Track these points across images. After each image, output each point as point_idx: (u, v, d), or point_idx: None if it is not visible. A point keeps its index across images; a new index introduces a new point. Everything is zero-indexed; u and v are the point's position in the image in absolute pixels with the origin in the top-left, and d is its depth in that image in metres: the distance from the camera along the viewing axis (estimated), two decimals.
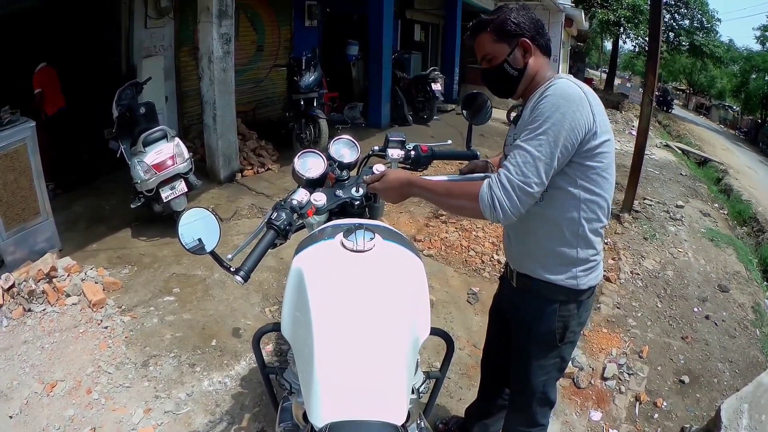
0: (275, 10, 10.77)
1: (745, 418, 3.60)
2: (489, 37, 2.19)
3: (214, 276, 4.74)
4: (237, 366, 3.71)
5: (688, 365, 4.85)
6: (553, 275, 2.22)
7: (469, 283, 5.43)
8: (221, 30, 6.77)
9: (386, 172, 2.28)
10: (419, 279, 1.95)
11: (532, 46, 2.16)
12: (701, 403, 4.42)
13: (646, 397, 4.30)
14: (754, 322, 6.02)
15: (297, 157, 2.43)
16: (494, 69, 2.21)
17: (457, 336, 4.48)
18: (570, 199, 2.11)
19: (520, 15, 2.17)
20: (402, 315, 1.81)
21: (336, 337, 1.70)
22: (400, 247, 2.01)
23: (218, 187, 6.85)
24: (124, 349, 3.73)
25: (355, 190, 2.35)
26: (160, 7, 7.71)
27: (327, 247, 1.93)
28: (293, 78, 8.56)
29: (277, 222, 2.10)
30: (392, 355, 1.73)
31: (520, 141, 1.98)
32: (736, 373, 4.95)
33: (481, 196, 1.98)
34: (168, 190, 5.31)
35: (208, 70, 6.85)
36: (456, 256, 5.94)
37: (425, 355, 4.03)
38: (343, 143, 2.62)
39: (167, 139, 5.46)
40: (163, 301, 4.34)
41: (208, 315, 4.24)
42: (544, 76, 2.17)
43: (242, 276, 1.93)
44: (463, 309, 4.97)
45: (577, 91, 1.98)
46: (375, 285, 1.84)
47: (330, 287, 1.80)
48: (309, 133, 8.37)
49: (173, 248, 5.14)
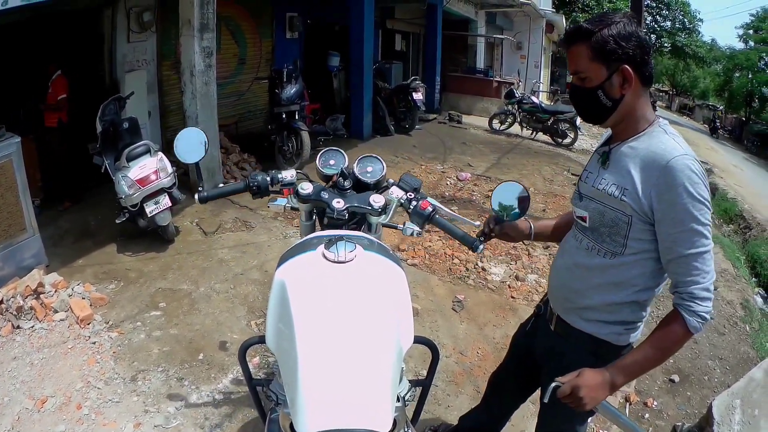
0: (257, 23, 10.84)
1: (737, 414, 3.64)
2: (586, 52, 1.94)
3: (200, 290, 4.79)
4: (224, 379, 3.76)
5: (677, 364, 4.94)
6: (595, 329, 2.13)
7: (453, 291, 5.46)
8: (203, 43, 6.80)
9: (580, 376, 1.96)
10: (401, 288, 1.97)
11: (634, 76, 1.92)
12: (692, 401, 4.50)
13: (636, 398, 4.36)
14: (743, 318, 6.17)
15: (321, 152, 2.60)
16: (585, 91, 2.00)
17: (443, 344, 4.54)
18: (646, 266, 2.00)
19: (627, 33, 1.89)
20: (384, 324, 1.83)
21: (319, 347, 1.72)
22: (382, 258, 2.02)
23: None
24: (113, 364, 3.76)
25: (337, 202, 2.33)
26: (142, 21, 7.75)
27: (309, 258, 1.95)
28: (275, 91, 8.61)
29: (251, 180, 2.38)
30: (375, 365, 1.75)
31: (685, 248, 1.83)
32: (727, 369, 5.04)
33: (694, 326, 1.84)
34: (152, 204, 5.32)
35: (191, 84, 6.85)
36: (440, 265, 5.99)
37: (411, 364, 4.07)
38: (372, 161, 2.61)
39: (150, 153, 5.50)
40: (149, 316, 4.38)
41: (194, 329, 4.28)
42: (643, 115, 1.99)
43: (201, 196, 2.35)
44: (449, 317, 5.01)
45: (702, 169, 1.85)
46: (357, 295, 1.86)
47: (312, 298, 1.82)
48: (291, 146, 8.43)
49: (159, 263, 5.19)
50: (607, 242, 2.04)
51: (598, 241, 2.07)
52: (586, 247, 2.13)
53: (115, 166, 5.47)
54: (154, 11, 7.93)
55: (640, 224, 1.93)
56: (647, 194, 1.87)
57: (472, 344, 4.65)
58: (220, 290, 4.84)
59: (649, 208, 1.88)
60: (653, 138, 1.93)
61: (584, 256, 2.13)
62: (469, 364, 4.36)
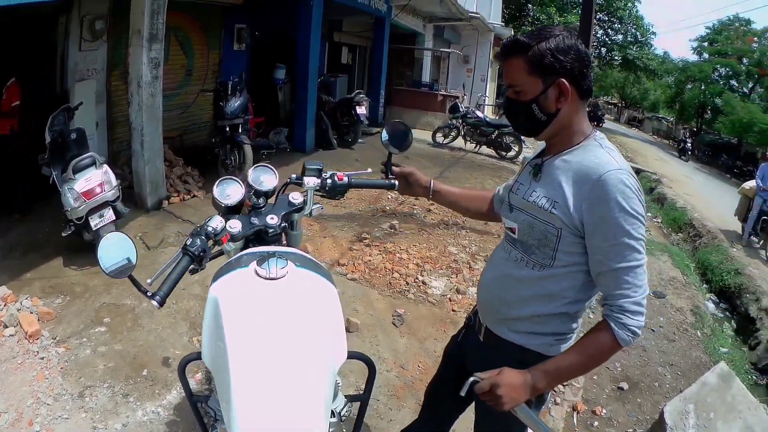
0: (206, 34, 10.81)
1: (692, 418, 3.78)
2: (522, 65, 1.93)
3: (143, 305, 4.85)
4: (168, 395, 3.83)
5: (626, 372, 5.10)
6: (525, 340, 2.12)
7: (393, 305, 5.55)
8: (151, 54, 6.83)
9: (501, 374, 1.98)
10: (333, 305, 2.02)
11: (571, 89, 1.92)
12: (643, 407, 4.72)
13: (584, 407, 4.53)
14: (694, 324, 6.41)
15: (216, 184, 2.48)
16: (520, 104, 1.99)
17: (384, 358, 4.66)
18: (576, 279, 2.02)
19: (565, 47, 1.90)
20: (316, 341, 1.87)
21: (251, 364, 1.74)
22: (313, 274, 2.06)
23: (146, 215, 6.89)
24: (61, 380, 3.83)
25: (270, 218, 2.36)
26: (94, 30, 7.67)
27: (241, 275, 1.98)
28: (219, 103, 8.66)
29: (192, 248, 2.16)
30: (307, 380, 1.78)
31: (616, 262, 1.84)
32: (678, 375, 5.22)
33: (623, 339, 1.84)
34: (97, 218, 5.35)
35: (137, 96, 6.87)
36: (380, 279, 6.09)
37: (352, 378, 4.17)
38: (262, 170, 2.62)
39: (96, 165, 5.49)
40: (95, 332, 4.45)
41: (138, 345, 4.36)
42: (578, 128, 2.01)
43: (158, 300, 2.02)
44: (389, 331, 5.11)
45: (636, 183, 1.88)
46: (288, 312, 1.89)
47: (244, 315, 1.85)
48: (234, 159, 8.51)
49: (103, 277, 5.02)
50: (536, 254, 2.05)
51: (527, 253, 2.08)
52: (515, 259, 2.13)
53: (62, 177, 5.46)
54: (106, 20, 7.85)
55: (570, 237, 1.94)
56: (578, 207, 1.89)
57: (413, 358, 4.75)
58: None
59: (579, 222, 1.90)
60: (587, 152, 1.95)
61: (513, 267, 2.14)
62: (410, 378, 4.45)
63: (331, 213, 7.84)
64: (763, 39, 37.40)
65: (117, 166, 7.90)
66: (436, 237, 7.71)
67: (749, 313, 8.54)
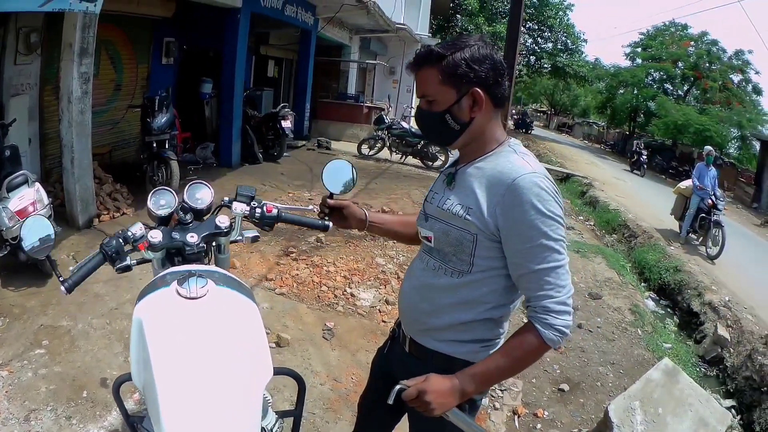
0: (135, 47, 10.78)
1: (638, 415, 3.93)
2: (435, 75, 1.94)
3: (78, 327, 4.90)
4: (109, 416, 3.83)
5: (565, 374, 5.25)
6: (450, 349, 2.10)
7: (323, 318, 5.64)
8: (81, 69, 6.80)
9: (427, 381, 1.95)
10: (254, 323, 2.03)
11: (485, 98, 1.94)
12: (587, 407, 4.84)
13: (524, 410, 4.62)
14: (633, 323, 6.65)
15: (151, 194, 2.50)
16: (432, 114, 2.00)
17: (316, 372, 4.73)
18: (496, 283, 2.01)
19: (480, 56, 1.91)
20: (238, 359, 1.88)
21: (176, 384, 1.75)
22: (234, 292, 2.07)
23: (77, 234, 6.88)
24: (6, 404, 3.85)
25: (191, 236, 2.34)
26: (29, 43, 7.54)
27: (163, 295, 1.98)
28: (146, 119, 8.70)
29: (107, 247, 2.25)
30: (234, 399, 1.80)
31: (536, 264, 1.85)
32: (621, 373, 5.39)
33: (550, 339, 1.85)
34: None
35: (68, 112, 6.84)
36: (308, 293, 6.17)
37: (287, 393, 4.21)
38: (198, 187, 2.61)
39: (29, 184, 5.48)
40: (34, 354, 4.47)
41: (76, 366, 4.38)
42: (492, 136, 2.03)
43: (66, 287, 2.14)
44: (320, 345, 5.19)
45: (552, 186, 1.89)
46: (209, 331, 1.90)
47: (167, 336, 1.85)
48: (161, 175, 8.56)
49: (40, 298, 5.27)
50: (453, 261, 2.03)
51: (444, 261, 2.07)
52: (432, 267, 2.12)
53: None
54: (41, 32, 7.73)
55: (486, 242, 1.94)
56: (492, 212, 1.89)
57: (346, 370, 4.84)
58: (97, 326, 4.94)
59: (494, 227, 1.90)
60: (501, 157, 1.96)
61: (431, 276, 2.12)
62: (344, 390, 4.54)
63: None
64: (700, 43, 38.23)
65: (49, 183, 7.83)
66: (363, 249, 7.86)
67: (692, 308, 8.99)
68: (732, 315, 8.31)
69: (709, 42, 38.16)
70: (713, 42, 38.05)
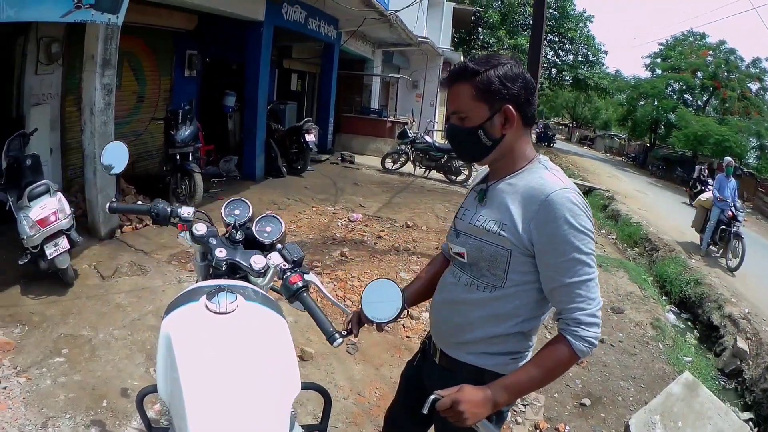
0: (157, 60, 10.81)
1: (659, 428, 3.90)
2: (469, 92, 1.96)
3: (99, 336, 4.86)
4: (128, 426, 3.80)
5: (587, 388, 5.16)
6: (480, 361, 2.13)
7: None
8: (104, 80, 6.79)
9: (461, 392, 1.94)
10: (283, 338, 2.01)
11: (517, 116, 1.97)
12: (608, 421, 4.73)
13: (546, 425, 4.54)
14: (654, 337, 6.49)
15: (225, 204, 2.54)
16: (464, 130, 2.02)
17: (340, 386, 4.69)
18: (528, 297, 2.04)
19: (513, 75, 1.95)
20: (267, 374, 1.86)
21: (205, 399, 1.72)
22: (263, 308, 2.04)
23: (99, 244, 6.87)
24: (24, 410, 3.81)
25: (219, 251, 2.27)
26: (50, 53, 7.58)
27: (192, 309, 1.96)
28: (170, 132, 8.71)
29: (154, 207, 2.43)
30: (262, 414, 1.77)
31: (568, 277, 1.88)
32: (642, 387, 5.30)
33: (580, 350, 1.88)
34: (52, 246, 5.31)
35: (90, 123, 6.83)
36: (332, 307, 5.71)
37: (310, 407, 4.19)
38: (270, 222, 2.53)
39: (50, 193, 5.46)
40: (54, 362, 4.42)
41: (96, 376, 4.33)
42: (522, 153, 2.05)
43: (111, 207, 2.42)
44: (344, 360, 5.14)
45: (583, 200, 1.92)
46: (239, 346, 1.88)
47: (196, 351, 1.83)
48: (184, 188, 8.56)
49: (60, 307, 5.23)
50: (487, 276, 2.05)
51: (477, 276, 2.09)
52: (465, 283, 2.13)
53: (18, 204, 5.41)
54: (62, 43, 7.77)
55: (520, 257, 1.96)
56: (527, 228, 1.91)
57: (370, 385, 4.80)
58: (118, 336, 4.89)
59: (528, 242, 1.92)
60: (532, 174, 1.99)
61: (463, 291, 2.14)
62: (367, 405, 4.49)
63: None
64: (718, 52, 37.96)
65: (71, 193, 7.83)
66: (387, 263, 7.79)
67: (712, 321, 8.83)
68: (751, 327, 8.20)
69: (727, 51, 38.00)
70: (731, 51, 37.89)
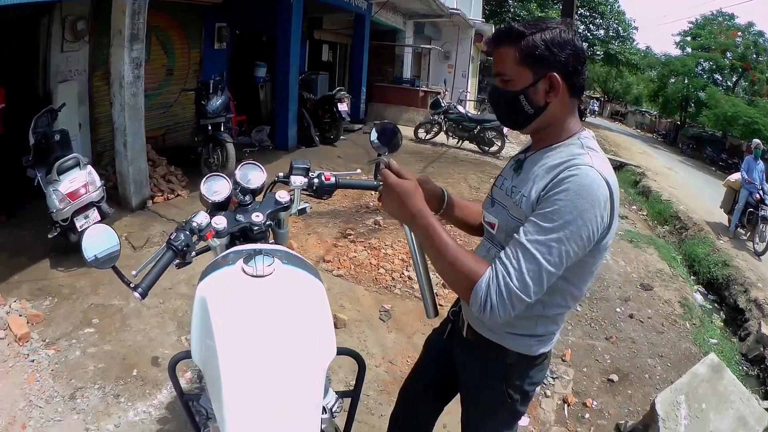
0: (186, 33, 10.75)
1: (683, 409, 3.80)
2: (513, 55, 1.82)
3: (130, 305, 4.83)
4: (159, 395, 3.82)
5: (615, 364, 5.09)
6: (505, 341, 2.02)
7: (380, 301, 5.55)
8: (132, 54, 6.77)
9: (407, 184, 1.88)
10: (320, 301, 2.00)
11: (563, 84, 1.82)
12: (634, 399, 4.67)
13: (574, 399, 4.52)
14: (682, 315, 6.40)
15: (204, 180, 2.45)
16: (506, 94, 1.89)
17: (372, 354, 4.67)
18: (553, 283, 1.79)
19: (562, 40, 1.80)
20: (305, 337, 1.85)
21: (241, 362, 1.72)
22: (300, 271, 2.05)
23: (130, 215, 6.87)
24: (52, 382, 3.81)
25: (256, 216, 2.35)
26: (76, 30, 7.60)
27: (228, 273, 1.96)
28: (201, 102, 8.65)
29: (176, 242, 2.11)
30: (297, 378, 1.76)
31: (528, 241, 1.70)
32: (669, 366, 5.21)
33: (476, 290, 1.72)
34: (82, 219, 5.32)
35: (119, 96, 6.82)
36: (366, 275, 6.08)
37: (341, 374, 4.18)
38: (250, 168, 2.59)
39: (80, 166, 5.46)
40: (83, 333, 4.42)
41: (127, 345, 4.34)
42: (566, 126, 1.91)
43: (140, 292, 1.97)
44: (377, 327, 5.12)
45: (603, 191, 1.69)
46: (276, 309, 1.88)
47: (232, 314, 1.83)
48: (216, 158, 8.49)
49: (90, 278, 5.20)
50: None
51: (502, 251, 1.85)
52: (493, 256, 1.88)
53: (47, 179, 5.41)
54: (88, 20, 7.77)
55: None
56: (537, 200, 1.76)
57: (402, 353, 4.76)
58: (150, 305, 4.85)
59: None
60: (567, 149, 1.84)
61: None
62: (399, 373, 4.42)
63: (315, 210, 7.80)
64: (747, 33, 37.16)
65: (101, 166, 7.88)
66: None
67: (738, 304, 8.62)
68: None
69: (756, 33, 37.14)
70: (759, 33, 37.03)
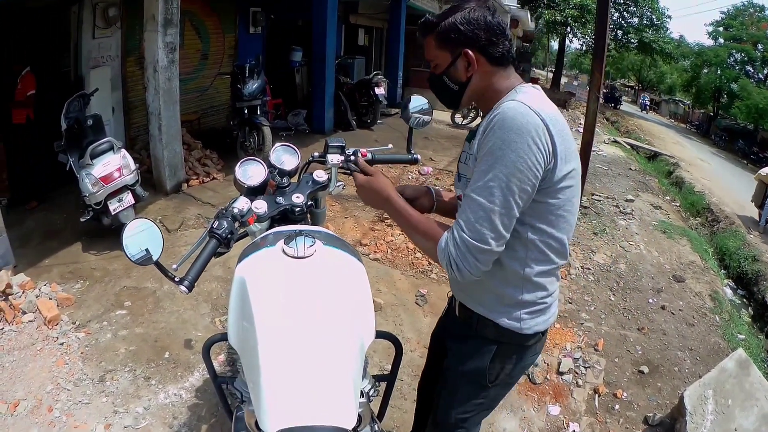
0: (220, 18, 10.75)
1: (710, 404, 3.73)
2: (433, 42, 1.98)
3: (164, 288, 4.79)
4: (191, 377, 3.79)
5: (646, 355, 5.00)
6: (494, 315, 2.00)
7: (416, 285, 5.49)
8: (166, 39, 6.77)
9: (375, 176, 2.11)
10: (361, 283, 1.99)
11: (479, 57, 1.91)
12: (663, 391, 4.53)
13: (605, 389, 4.40)
14: (712, 309, 6.26)
15: (238, 165, 2.43)
16: (434, 78, 2.04)
17: (407, 338, 4.58)
18: (514, 238, 1.85)
19: (470, 19, 1.89)
20: (345, 319, 1.82)
21: (280, 343, 1.70)
22: (341, 252, 2.03)
23: (165, 198, 6.87)
24: (81, 365, 3.77)
25: (296, 197, 2.34)
26: (107, 17, 7.63)
27: (268, 254, 1.94)
28: (237, 86, 8.60)
29: (219, 231, 2.06)
30: (337, 360, 1.74)
31: (470, 190, 1.77)
32: (698, 360, 5.12)
33: (439, 251, 1.83)
34: (116, 202, 5.31)
35: (154, 80, 6.83)
36: (402, 259, 6.01)
37: (376, 358, 4.12)
38: (284, 150, 2.62)
39: (114, 150, 5.46)
40: (115, 315, 4.39)
41: (159, 328, 4.30)
42: (498, 91, 1.94)
43: (186, 285, 1.91)
44: (412, 311, 5.04)
45: (530, 119, 1.73)
46: (317, 290, 1.85)
47: (272, 294, 1.81)
48: (253, 141, 8.44)
49: (123, 261, 5.13)
50: None
51: None
52: None
53: (79, 163, 5.41)
54: (120, 6, 7.80)
55: None
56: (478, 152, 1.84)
57: None
58: None
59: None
60: (503, 103, 1.85)
61: None
62: None
63: (352, 193, 7.70)
64: None
65: (134, 150, 7.92)
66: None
67: (766, 301, 8.38)
68: None
69: None
70: None
